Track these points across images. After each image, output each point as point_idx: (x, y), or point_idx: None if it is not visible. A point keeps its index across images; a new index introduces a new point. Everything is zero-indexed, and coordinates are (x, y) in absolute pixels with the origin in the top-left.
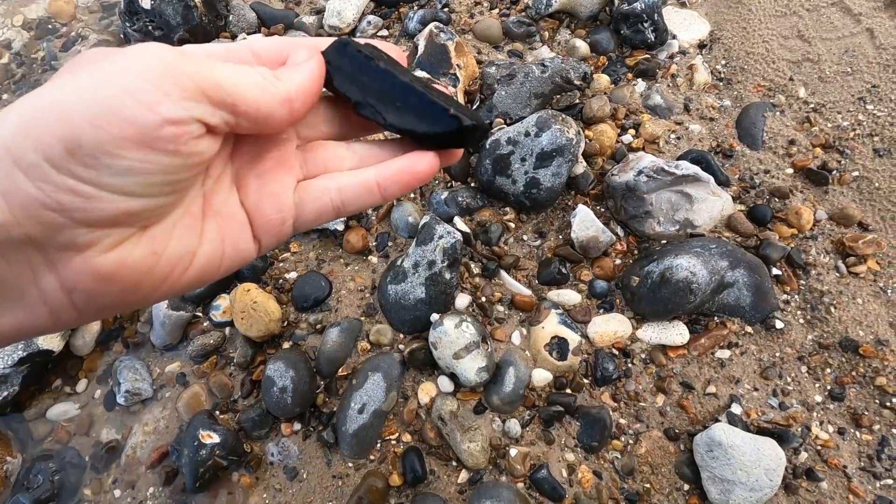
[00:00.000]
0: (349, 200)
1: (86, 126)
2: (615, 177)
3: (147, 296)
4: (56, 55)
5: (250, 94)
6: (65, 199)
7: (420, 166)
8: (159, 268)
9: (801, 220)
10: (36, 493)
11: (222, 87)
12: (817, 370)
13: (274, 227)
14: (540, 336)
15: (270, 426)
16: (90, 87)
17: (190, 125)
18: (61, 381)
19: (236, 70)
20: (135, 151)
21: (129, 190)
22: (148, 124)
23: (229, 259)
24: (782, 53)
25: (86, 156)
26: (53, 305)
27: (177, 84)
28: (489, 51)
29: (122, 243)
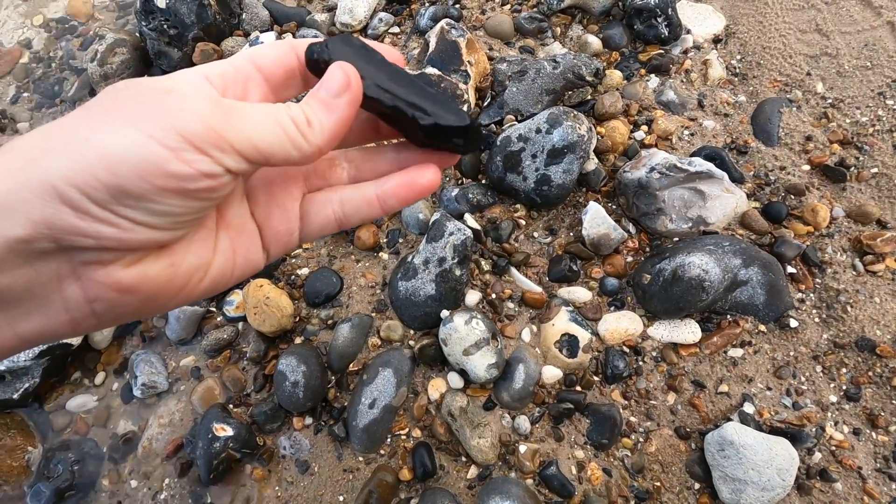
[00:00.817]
0: (350, 213)
1: (133, 177)
2: (627, 173)
3: (164, 304)
4: (74, 54)
5: (282, 152)
6: (101, 230)
7: (421, 179)
8: (177, 279)
9: (818, 217)
10: (56, 482)
11: (257, 148)
12: (832, 370)
13: (282, 238)
14: (550, 333)
15: (282, 420)
16: (139, 141)
17: (223, 177)
18: (80, 374)
19: (268, 123)
20: (172, 198)
21: (161, 225)
22: (188, 179)
23: (240, 268)
24: (800, 48)
25: (129, 199)
26: (74, 313)
27: (215, 147)
28: (500, 47)
29: (144, 259)
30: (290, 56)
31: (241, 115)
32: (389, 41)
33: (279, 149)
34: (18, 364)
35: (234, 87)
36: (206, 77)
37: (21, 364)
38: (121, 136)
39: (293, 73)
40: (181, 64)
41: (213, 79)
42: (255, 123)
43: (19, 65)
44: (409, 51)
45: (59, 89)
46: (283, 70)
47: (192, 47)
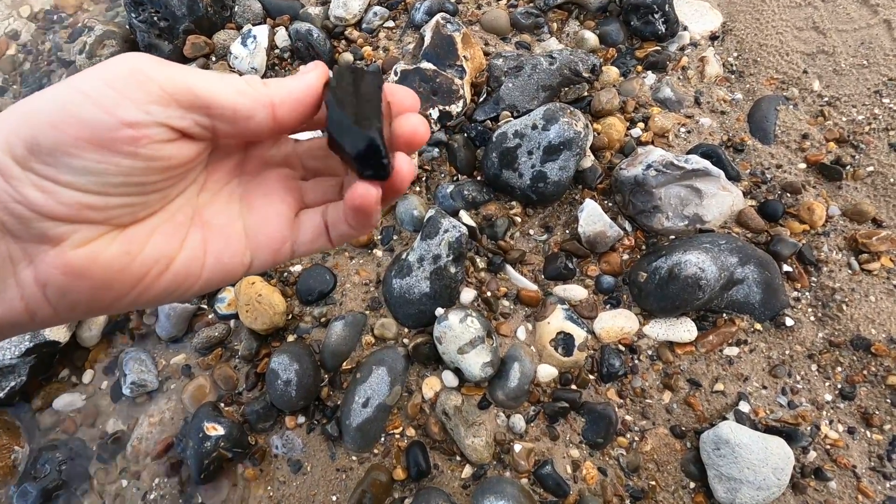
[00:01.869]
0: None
1: (45, 127)
2: (623, 171)
3: (120, 297)
4: (62, 46)
5: (227, 97)
6: (28, 193)
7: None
8: (133, 268)
9: (814, 215)
10: (43, 482)
11: (194, 90)
12: (828, 368)
13: (273, 245)
14: (545, 331)
15: (275, 419)
16: (57, 92)
17: (150, 128)
18: (68, 372)
19: (215, 76)
20: (91, 152)
21: (86, 187)
22: (103, 126)
23: (210, 271)
24: (796, 45)
25: (45, 154)
26: (29, 300)
27: (140, 88)
28: (496, 42)
29: (96, 239)
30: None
31: (187, 70)
32: (384, 35)
33: (224, 94)
34: (4, 362)
35: None
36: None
37: (7, 362)
38: (47, 92)
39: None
40: (171, 57)
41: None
42: (200, 73)
43: (6, 57)
44: (403, 45)
45: (48, 82)
46: None
47: (182, 40)
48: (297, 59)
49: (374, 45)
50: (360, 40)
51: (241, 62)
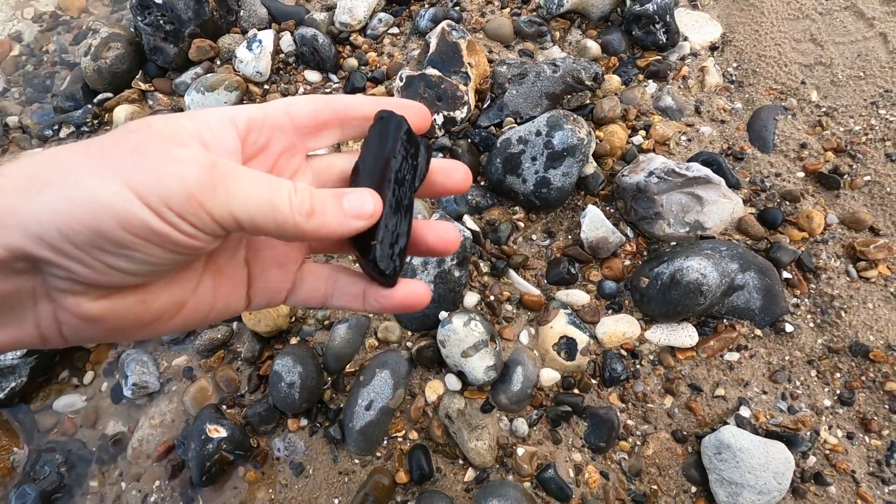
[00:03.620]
0: (336, 296)
1: (115, 227)
2: (625, 177)
3: (131, 336)
4: (66, 48)
5: (264, 226)
6: (74, 267)
7: (414, 300)
8: (146, 316)
9: (812, 223)
10: (42, 484)
11: (238, 221)
12: (827, 374)
13: (270, 293)
14: (548, 336)
15: (277, 421)
16: (122, 196)
17: (205, 238)
18: (68, 373)
19: (259, 200)
20: (154, 249)
21: (138, 272)
22: (170, 235)
23: (217, 313)
24: (794, 57)
25: (108, 245)
26: (44, 330)
27: (195, 215)
28: (500, 50)
29: (114, 294)
30: (325, 111)
31: (231, 186)
32: (388, 41)
33: (263, 224)
34: (5, 363)
35: (259, 133)
36: (231, 119)
37: (8, 363)
38: (107, 186)
39: (325, 125)
40: (177, 60)
41: (239, 122)
42: (244, 197)
43: (9, 58)
44: (408, 51)
45: (51, 83)
46: (315, 123)
47: (188, 43)
48: (301, 63)
49: (378, 50)
50: (365, 46)
51: (246, 66)
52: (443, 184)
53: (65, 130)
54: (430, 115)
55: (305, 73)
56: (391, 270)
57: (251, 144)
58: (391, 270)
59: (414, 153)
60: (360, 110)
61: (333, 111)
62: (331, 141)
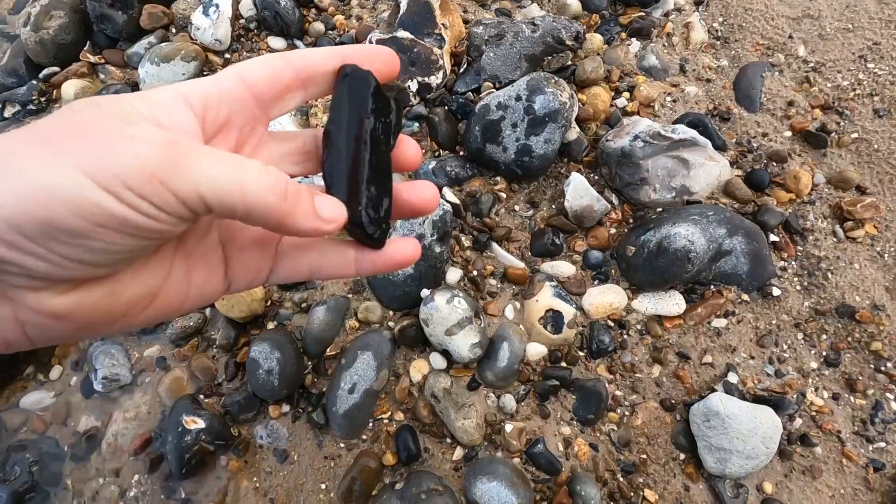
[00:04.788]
0: (324, 267)
1: (68, 215)
2: (610, 142)
3: (102, 331)
4: (5, 18)
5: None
6: (30, 262)
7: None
8: (116, 308)
9: (800, 184)
10: (14, 484)
11: (207, 203)
12: (813, 337)
13: (250, 274)
14: (534, 309)
15: (258, 409)
16: (73, 181)
17: (170, 221)
18: (34, 369)
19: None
20: (114, 236)
21: (97, 262)
22: (129, 222)
23: (193, 301)
24: (782, 9)
25: (63, 235)
26: (7, 334)
27: (158, 195)
28: (476, 9)
29: (80, 287)
30: (284, 73)
31: (194, 163)
32: (356, 2)
33: (231, 204)
34: None
35: (217, 109)
36: (185, 97)
37: None
38: (55, 171)
39: (288, 88)
40: (127, 28)
41: (194, 100)
42: (210, 175)
43: None
44: (378, 14)
45: None
46: (275, 89)
47: (138, 10)
48: (264, 29)
49: (346, 13)
50: (332, 9)
51: (203, 34)
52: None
53: (9, 109)
54: (397, 58)
55: (269, 39)
56: (379, 233)
57: (211, 123)
58: (379, 233)
59: (385, 109)
60: (322, 66)
61: (294, 71)
62: (294, 104)
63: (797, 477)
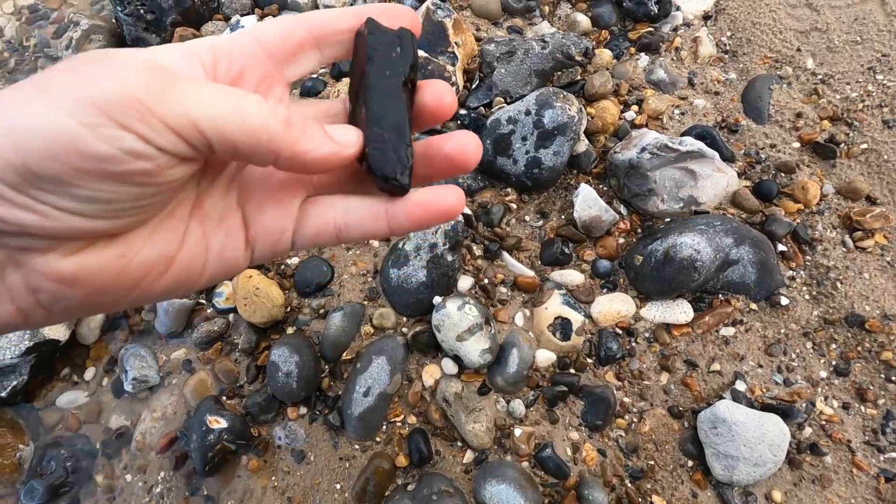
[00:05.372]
0: (352, 225)
1: (41, 157)
2: (618, 154)
3: (117, 300)
4: (48, 42)
5: (232, 134)
6: (21, 216)
7: (441, 201)
8: (129, 273)
9: (808, 194)
10: (49, 479)
11: (198, 126)
12: (822, 346)
13: (271, 237)
14: (543, 317)
15: (277, 410)
16: (47, 116)
17: (159, 159)
18: (69, 370)
19: (220, 96)
20: (98, 182)
21: (92, 213)
22: (112, 160)
23: (213, 267)
24: (790, 23)
25: (43, 182)
26: (21, 304)
27: (142, 121)
28: (488, 27)
29: (88, 247)
30: (296, 30)
31: (185, 88)
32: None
33: (232, 134)
34: (5, 361)
35: (228, 63)
36: (194, 50)
37: (8, 361)
38: (30, 110)
39: (301, 46)
40: None
41: (203, 53)
42: (203, 100)
43: None
44: None
45: None
46: (288, 46)
47: (170, 32)
48: None
49: None
50: None
51: None
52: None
53: None
54: (417, 17)
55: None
56: (401, 172)
57: (223, 76)
58: (401, 172)
59: (403, 57)
60: (336, 24)
61: (306, 29)
62: (310, 66)
63: (807, 486)
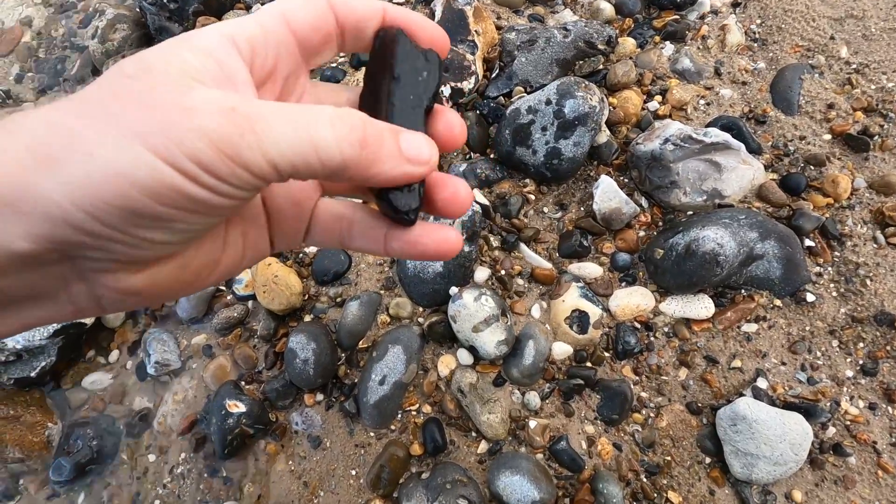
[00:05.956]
0: (355, 238)
1: (147, 202)
2: (640, 146)
3: (170, 299)
4: (75, 31)
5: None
6: (113, 247)
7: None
8: (184, 278)
9: (838, 188)
10: (76, 457)
11: (279, 170)
12: (849, 344)
13: (289, 235)
14: (560, 309)
15: (294, 396)
16: (147, 164)
17: (244, 195)
18: (94, 352)
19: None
20: (191, 217)
21: (177, 241)
22: (208, 201)
23: (248, 260)
24: (823, 10)
25: (144, 220)
26: (80, 305)
27: (231, 173)
28: (509, 15)
29: (154, 265)
30: (328, 19)
31: (261, 128)
32: None
33: (305, 167)
34: (34, 343)
35: (264, 55)
36: (232, 40)
37: (37, 343)
38: (129, 155)
39: (330, 37)
40: None
41: (241, 44)
42: (278, 139)
43: (21, 44)
44: None
45: (62, 68)
46: (318, 35)
47: (192, 21)
48: None
49: None
50: None
51: None
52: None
53: None
54: (447, 40)
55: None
56: (407, 204)
57: (258, 70)
58: (407, 204)
59: (421, 73)
60: (365, 18)
61: (335, 18)
62: (331, 56)
63: (829, 486)
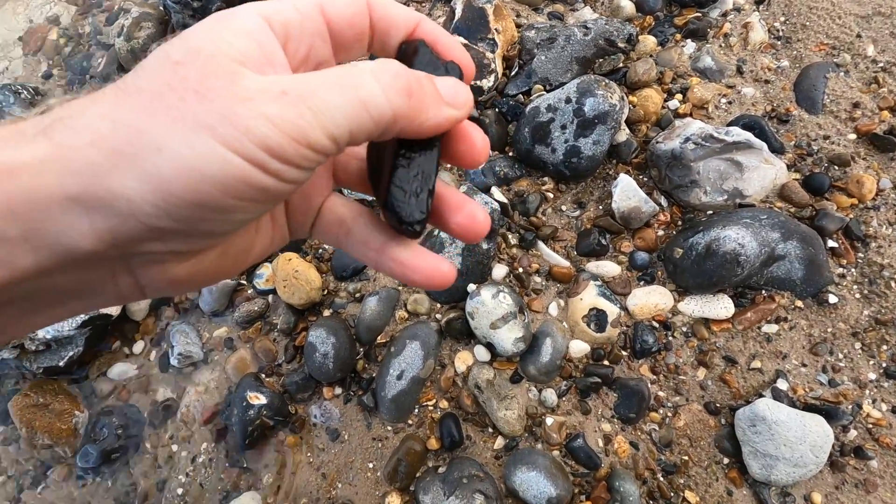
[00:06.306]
0: (352, 244)
1: (217, 195)
2: (660, 144)
3: (208, 284)
4: (101, 29)
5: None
6: (175, 245)
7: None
8: (224, 264)
9: (863, 189)
10: (102, 444)
11: (338, 142)
12: (872, 347)
13: (299, 222)
14: (578, 307)
15: (313, 390)
16: (219, 157)
17: (305, 176)
18: (120, 343)
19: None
20: (252, 206)
21: (230, 231)
22: (270, 188)
23: (276, 244)
24: (850, 7)
25: (210, 213)
26: (124, 294)
27: (298, 155)
28: (528, 13)
29: (200, 254)
30: (364, 17)
31: (316, 104)
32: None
33: (361, 132)
34: (63, 333)
35: (298, 42)
36: (269, 22)
37: (65, 333)
38: (200, 148)
39: (363, 35)
40: None
41: (276, 27)
42: (333, 110)
43: (49, 41)
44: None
45: (88, 65)
46: (353, 31)
47: None
48: None
49: None
50: None
51: None
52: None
53: None
54: (470, 59)
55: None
56: (411, 214)
57: (291, 55)
58: (411, 214)
59: None
60: (397, 25)
61: (372, 18)
62: (356, 56)
63: (849, 490)
